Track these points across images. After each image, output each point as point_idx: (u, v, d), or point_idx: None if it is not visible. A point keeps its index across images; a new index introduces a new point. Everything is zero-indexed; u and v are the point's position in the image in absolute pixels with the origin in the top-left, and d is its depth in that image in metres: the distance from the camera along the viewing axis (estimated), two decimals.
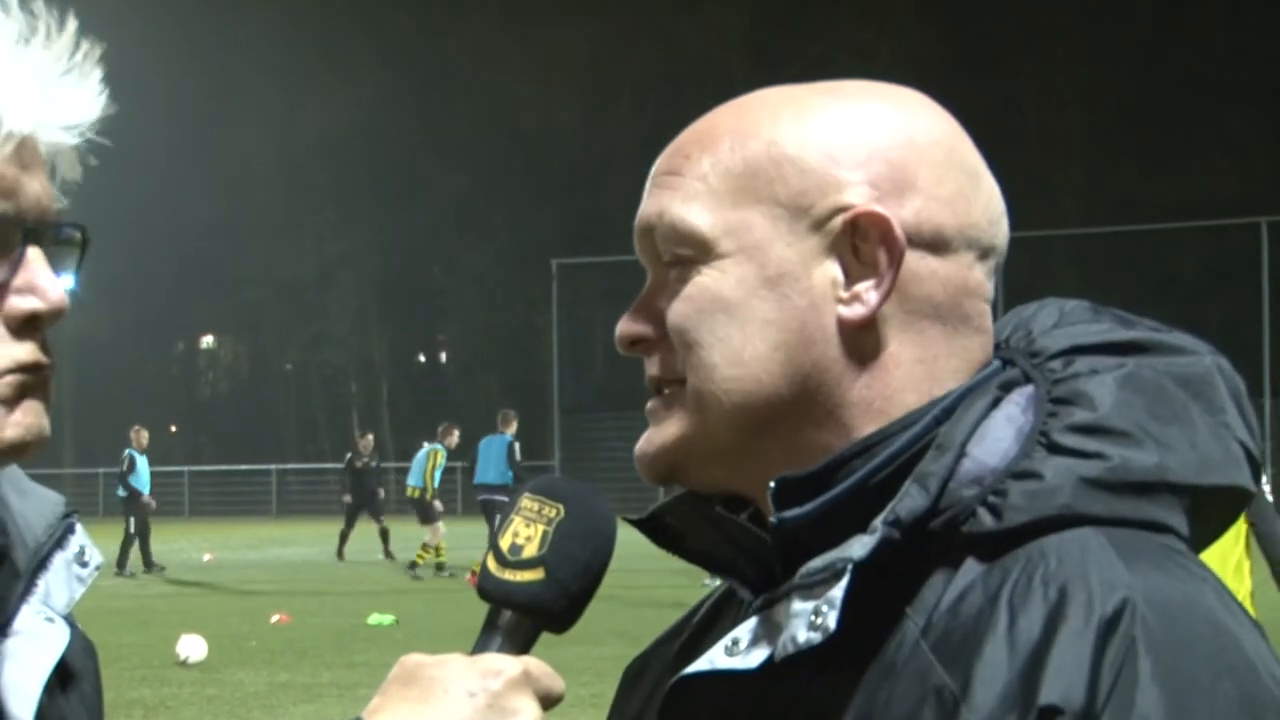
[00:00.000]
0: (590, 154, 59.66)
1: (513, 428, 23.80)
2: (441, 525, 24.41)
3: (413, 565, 23.80)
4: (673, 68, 57.94)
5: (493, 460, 23.34)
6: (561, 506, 1.18)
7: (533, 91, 59.38)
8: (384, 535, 28.31)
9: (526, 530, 1.17)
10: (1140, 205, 48.11)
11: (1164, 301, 44.55)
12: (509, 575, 1.16)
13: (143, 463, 26.34)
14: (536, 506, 1.18)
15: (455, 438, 25.92)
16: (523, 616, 1.16)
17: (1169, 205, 46.82)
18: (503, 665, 1.11)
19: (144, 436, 26.65)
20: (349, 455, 29.58)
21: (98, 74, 1.25)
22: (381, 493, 29.51)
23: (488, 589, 1.17)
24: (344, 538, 28.41)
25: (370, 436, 30.52)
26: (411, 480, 25.58)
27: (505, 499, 22.35)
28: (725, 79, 52.70)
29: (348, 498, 28.74)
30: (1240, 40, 51.51)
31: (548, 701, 1.12)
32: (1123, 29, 53.54)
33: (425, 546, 24.21)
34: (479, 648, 1.16)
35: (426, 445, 25.83)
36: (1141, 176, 51.27)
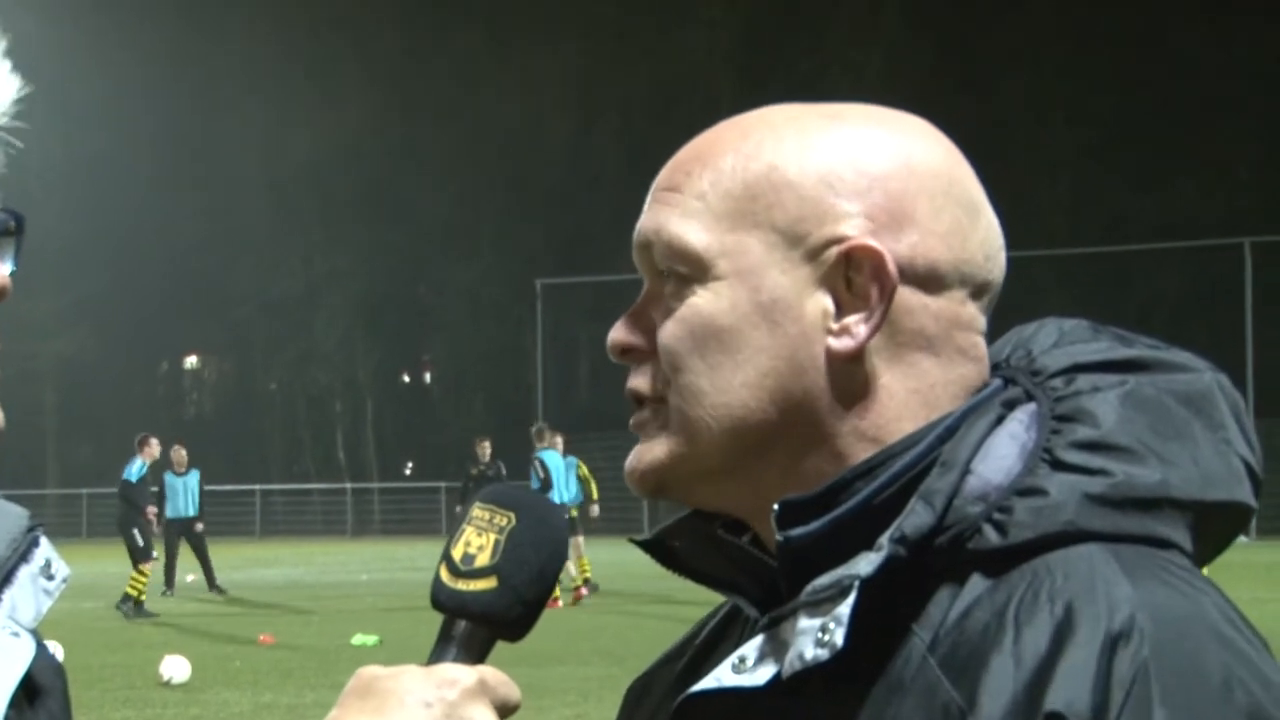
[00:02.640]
0: (576, 174, 59.76)
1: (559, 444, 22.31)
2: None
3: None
4: (659, 87, 58.05)
5: (567, 479, 22.04)
6: (513, 514, 1.17)
7: (519, 111, 59.45)
8: None
9: (479, 539, 1.17)
10: (1126, 225, 48.36)
11: (1149, 321, 44.73)
12: (462, 585, 1.16)
13: (176, 480, 24.39)
14: (488, 515, 1.18)
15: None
16: (477, 626, 1.16)
17: (1154, 225, 47.05)
18: (458, 675, 1.10)
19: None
20: (469, 465, 25.63)
21: (2, 54, 1.22)
22: None
23: (441, 599, 1.16)
24: None
25: (487, 443, 25.56)
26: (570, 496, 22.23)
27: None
28: (712, 98, 52.89)
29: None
30: (1226, 61, 51.73)
31: (505, 710, 1.12)
32: (1110, 49, 53.77)
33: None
34: (434, 658, 1.15)
35: (560, 454, 22.59)
36: (1127, 197, 51.47)
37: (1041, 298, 45.63)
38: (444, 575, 1.17)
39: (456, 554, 1.17)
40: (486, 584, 1.15)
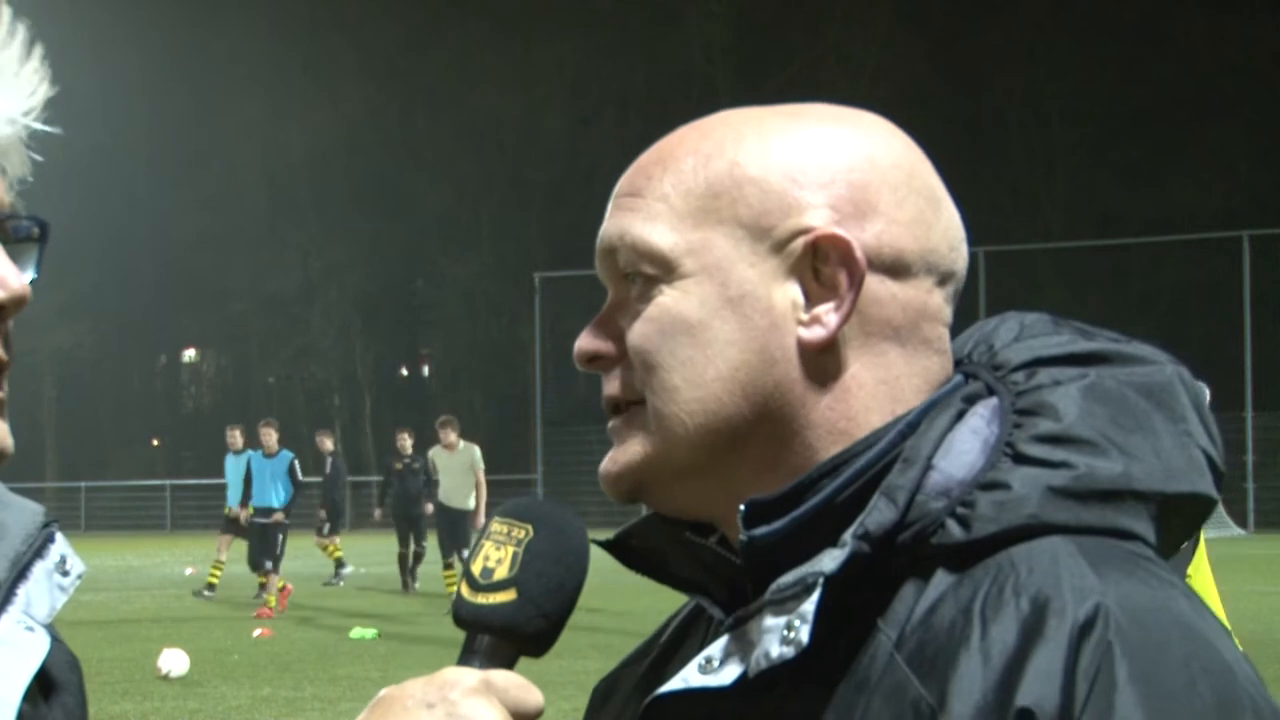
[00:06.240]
0: (574, 168, 59.65)
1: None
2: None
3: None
4: (656, 82, 57.98)
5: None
6: (530, 526, 1.16)
7: (516, 106, 59.38)
8: (417, 558, 24.15)
9: (497, 553, 1.16)
10: (1124, 219, 48.31)
11: (1147, 314, 44.72)
12: (482, 599, 1.14)
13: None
14: (505, 529, 1.17)
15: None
16: (499, 640, 1.14)
17: (1152, 219, 47.00)
18: (459, 676, 1.10)
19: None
20: (392, 459, 25.02)
21: (36, 60, 1.21)
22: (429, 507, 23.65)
23: (462, 615, 1.15)
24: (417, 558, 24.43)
25: (406, 435, 24.82)
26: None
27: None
28: (709, 93, 52.88)
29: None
30: (1223, 55, 51.69)
31: (522, 714, 1.10)
32: (1106, 43, 53.71)
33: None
34: None
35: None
36: (1125, 190, 51.42)
37: (1039, 292, 45.65)
38: (464, 591, 1.15)
39: (476, 569, 1.16)
40: (506, 596, 1.14)
